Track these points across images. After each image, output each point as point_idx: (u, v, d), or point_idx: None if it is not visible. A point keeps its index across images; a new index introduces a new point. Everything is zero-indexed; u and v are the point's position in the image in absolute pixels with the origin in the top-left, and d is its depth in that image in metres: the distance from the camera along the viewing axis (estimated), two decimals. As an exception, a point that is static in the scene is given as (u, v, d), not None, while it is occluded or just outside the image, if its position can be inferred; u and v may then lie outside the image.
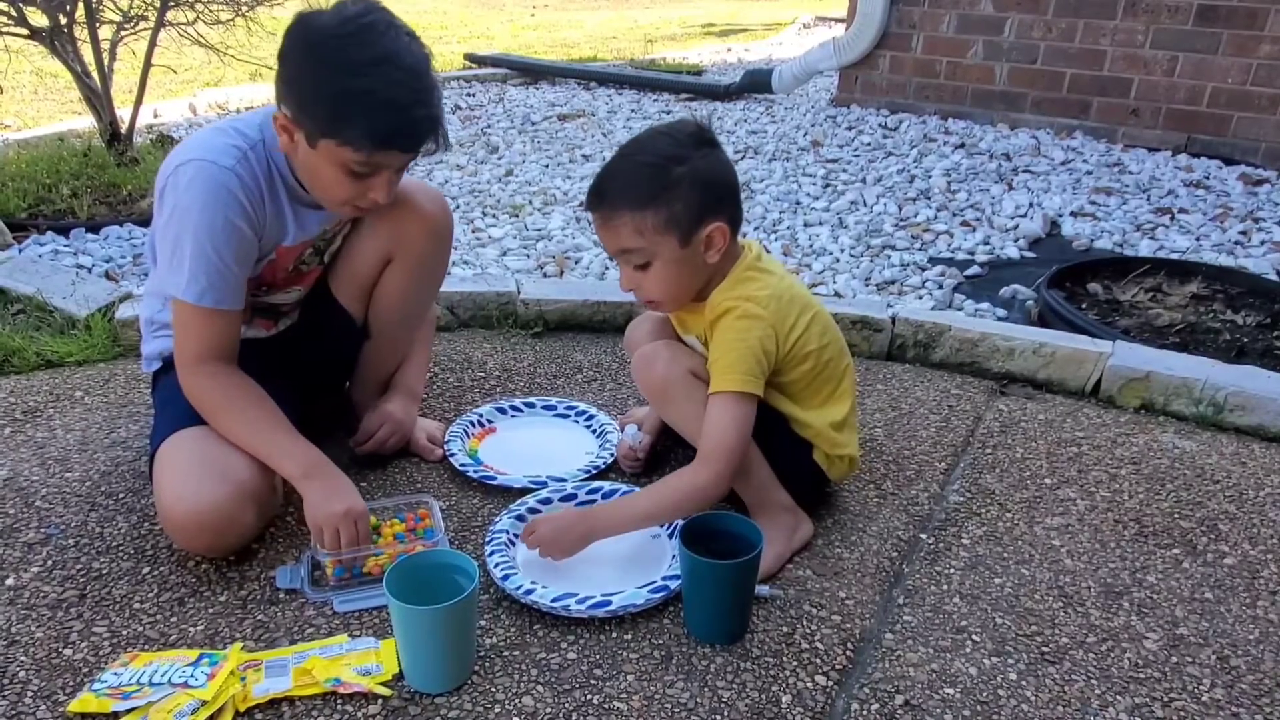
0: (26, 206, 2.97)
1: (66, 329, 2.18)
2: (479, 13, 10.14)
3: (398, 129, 1.33)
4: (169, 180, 1.39)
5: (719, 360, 1.41)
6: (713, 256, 1.40)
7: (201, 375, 1.43)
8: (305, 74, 1.33)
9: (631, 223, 1.36)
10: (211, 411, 1.44)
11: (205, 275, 1.38)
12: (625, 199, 1.36)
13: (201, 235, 1.36)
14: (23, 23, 3.10)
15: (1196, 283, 2.61)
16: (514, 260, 2.81)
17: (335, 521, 1.35)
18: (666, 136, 1.40)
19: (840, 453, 1.53)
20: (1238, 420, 1.94)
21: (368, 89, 1.29)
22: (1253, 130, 4.06)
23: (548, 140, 4.34)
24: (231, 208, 1.38)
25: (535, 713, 1.18)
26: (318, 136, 1.34)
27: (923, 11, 4.69)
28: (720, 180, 1.39)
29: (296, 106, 1.34)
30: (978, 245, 3.03)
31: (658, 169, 1.35)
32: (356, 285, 1.66)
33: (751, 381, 1.39)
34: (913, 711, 1.21)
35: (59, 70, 4.10)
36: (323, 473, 1.42)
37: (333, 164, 1.36)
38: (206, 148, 1.39)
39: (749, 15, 10.60)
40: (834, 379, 1.52)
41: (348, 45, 1.29)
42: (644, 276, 1.42)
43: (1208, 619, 1.39)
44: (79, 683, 1.20)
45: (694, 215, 1.36)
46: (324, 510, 1.36)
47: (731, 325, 1.40)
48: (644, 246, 1.38)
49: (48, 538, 1.48)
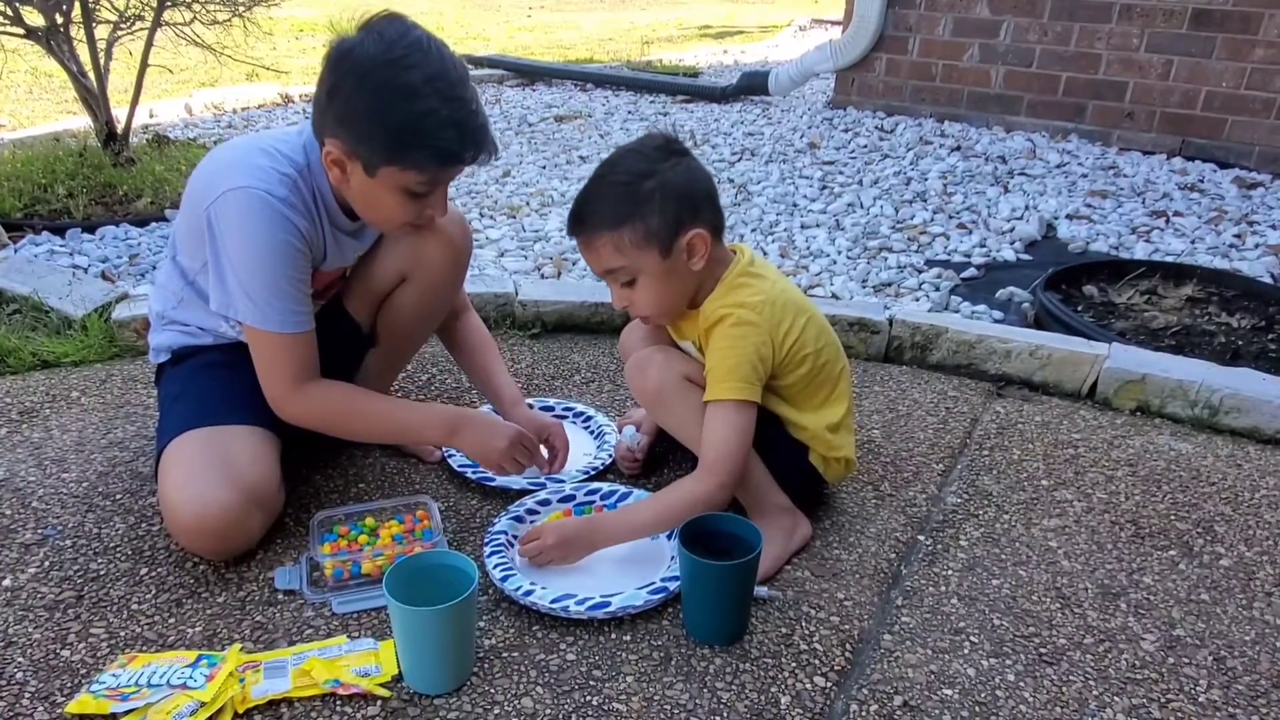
0: (22, 206, 2.96)
1: (63, 329, 2.17)
2: (475, 14, 10.14)
3: (461, 144, 1.35)
4: (218, 207, 1.35)
5: (715, 369, 1.41)
6: (697, 264, 1.41)
7: (307, 397, 1.44)
8: (361, 106, 1.31)
9: (610, 242, 1.38)
10: (337, 424, 1.49)
11: (281, 303, 1.38)
12: (601, 220, 1.38)
13: (270, 267, 1.36)
14: (19, 22, 3.09)
15: (1191, 286, 2.62)
16: (511, 261, 2.81)
17: (507, 459, 1.48)
18: (635, 153, 1.41)
19: (836, 454, 1.54)
20: (1233, 422, 1.95)
21: (427, 110, 1.30)
22: (1247, 134, 4.08)
23: (545, 141, 4.34)
24: (290, 231, 1.37)
25: (534, 714, 1.18)
26: (379, 165, 1.34)
27: (919, 14, 4.71)
28: (692, 188, 1.40)
29: (353, 139, 1.33)
30: (974, 248, 3.04)
31: (628, 186, 1.37)
32: (369, 298, 1.66)
33: (748, 389, 1.39)
34: (911, 712, 1.21)
35: (55, 70, 4.09)
36: (467, 420, 1.51)
37: (393, 189, 1.37)
38: (256, 175, 1.36)
39: (745, 17, 10.62)
40: (830, 381, 1.52)
41: (399, 70, 1.29)
42: (633, 293, 1.43)
43: (1204, 620, 1.40)
44: (77, 684, 1.20)
45: (670, 226, 1.37)
46: (491, 450, 1.48)
47: (726, 333, 1.41)
48: (626, 264, 1.39)
49: (45, 538, 1.48)
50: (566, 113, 4.96)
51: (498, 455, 1.49)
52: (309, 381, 1.45)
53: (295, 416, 1.45)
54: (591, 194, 1.41)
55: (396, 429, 1.53)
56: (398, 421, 1.51)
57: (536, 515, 1.56)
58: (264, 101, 5.07)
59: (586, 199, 1.41)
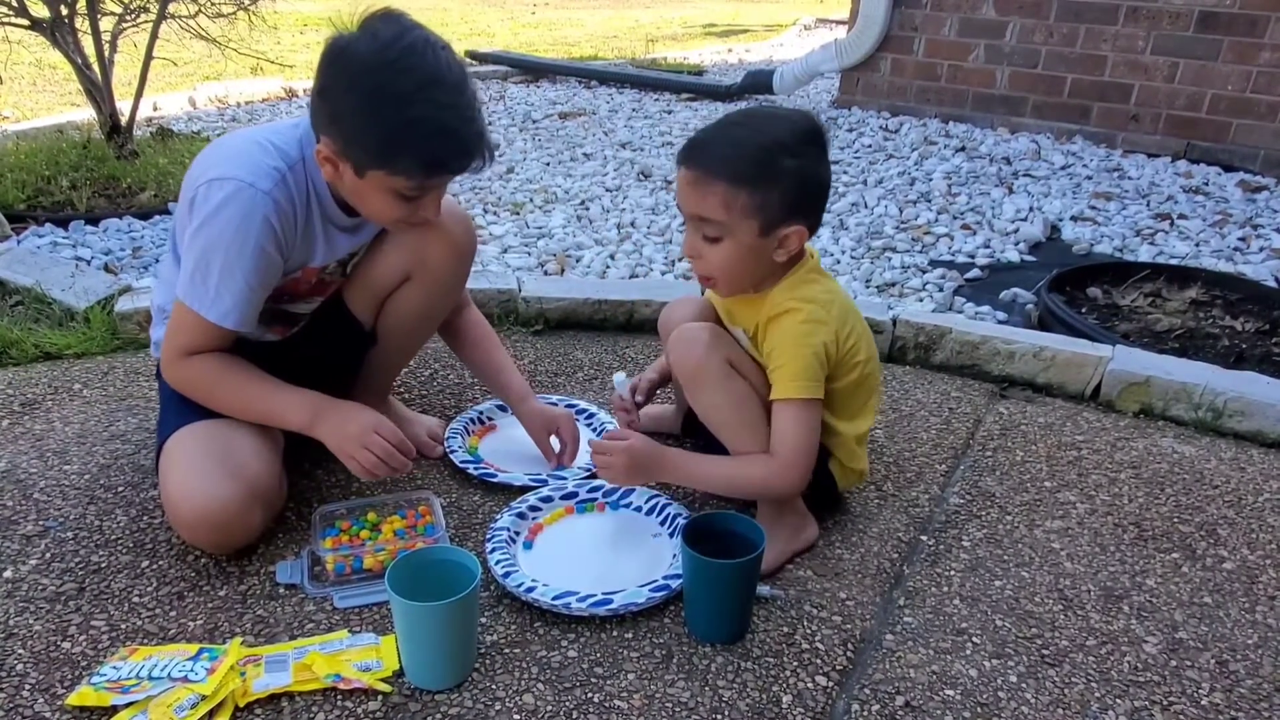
0: (25, 198, 2.96)
1: (65, 321, 2.17)
2: (480, 10, 10.13)
3: (449, 153, 1.32)
4: (202, 191, 1.34)
5: (785, 366, 1.39)
6: (781, 256, 1.40)
7: (187, 364, 1.42)
8: (350, 108, 1.29)
9: (724, 194, 1.33)
10: (204, 392, 1.43)
11: (231, 298, 1.36)
12: (726, 168, 1.32)
13: (232, 259, 1.34)
14: (24, 14, 3.09)
15: (1196, 288, 2.61)
16: (515, 258, 2.80)
17: (360, 443, 1.37)
18: (787, 123, 1.37)
19: (855, 465, 1.55)
20: (1237, 426, 1.95)
21: (417, 118, 1.27)
22: (1252, 137, 4.07)
23: (549, 138, 4.33)
24: (265, 235, 1.35)
25: (536, 710, 1.18)
26: (367, 168, 1.32)
27: (924, 15, 4.70)
28: (820, 185, 1.39)
29: (343, 140, 1.31)
30: (978, 248, 3.03)
31: (769, 152, 1.32)
32: (371, 296, 1.64)
33: (815, 387, 1.39)
34: (913, 713, 1.21)
35: (59, 62, 4.09)
36: (330, 407, 1.43)
37: (382, 191, 1.35)
38: (247, 166, 1.35)
39: (750, 16, 10.61)
40: (870, 391, 1.53)
41: (391, 75, 1.26)
42: (710, 249, 1.38)
43: (1207, 623, 1.40)
44: (77, 676, 1.20)
45: (785, 211, 1.35)
46: (343, 436, 1.39)
47: (796, 328, 1.39)
48: (725, 221, 1.35)
49: (46, 530, 1.48)
50: (570, 110, 4.95)
51: (349, 442, 1.39)
52: (199, 354, 1.43)
53: (172, 381, 1.45)
54: (728, 137, 1.36)
55: (261, 410, 1.44)
56: (262, 402, 1.43)
57: (539, 512, 1.56)
58: (268, 95, 5.07)
59: (720, 140, 1.36)
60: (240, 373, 1.44)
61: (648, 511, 1.57)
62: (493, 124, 4.56)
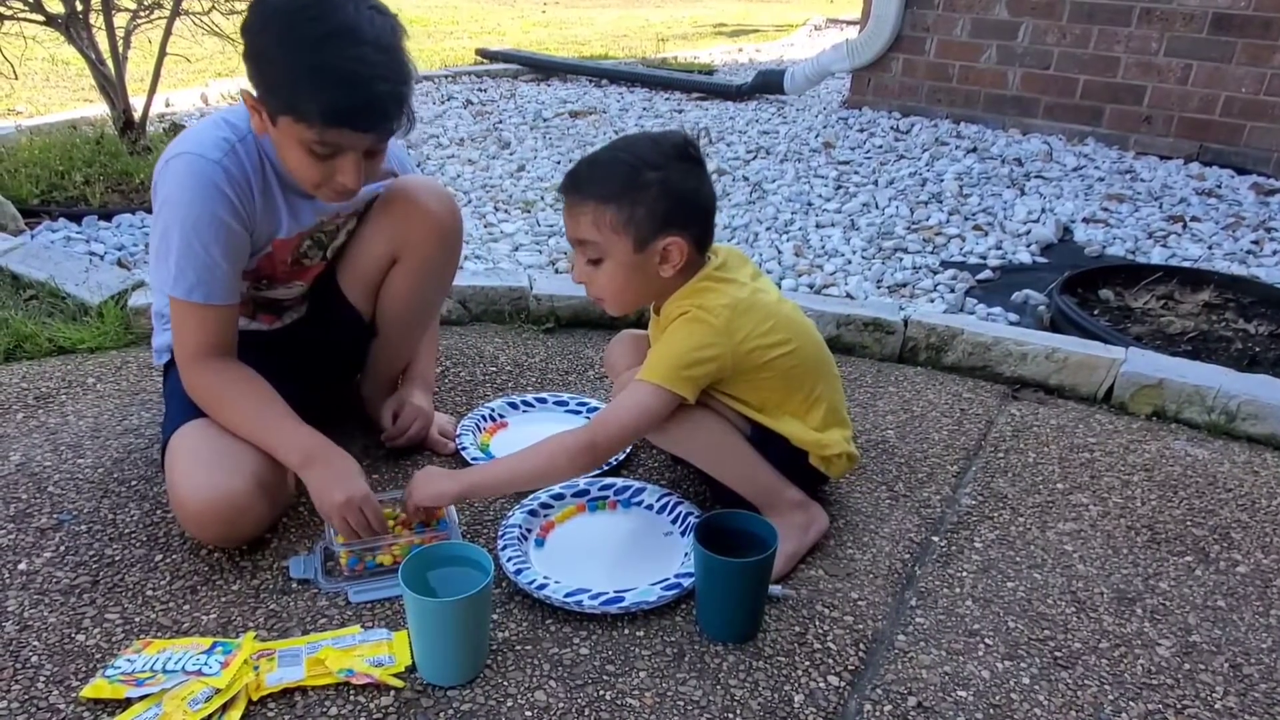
0: (39, 193, 2.97)
1: (79, 316, 2.18)
2: (490, 9, 10.14)
3: (353, 106, 1.27)
4: (158, 174, 1.38)
5: (655, 353, 1.41)
6: (666, 271, 1.40)
7: (201, 371, 1.43)
8: (262, 50, 1.30)
9: (592, 214, 1.37)
10: (213, 405, 1.43)
11: (193, 270, 1.37)
12: (592, 189, 1.38)
13: (188, 230, 1.35)
14: (39, 9, 3.10)
15: (1209, 291, 2.60)
16: (526, 255, 2.81)
17: (339, 511, 1.35)
18: (651, 142, 1.41)
19: (831, 453, 1.49)
20: (1250, 429, 1.94)
21: (321, 64, 1.25)
22: (1265, 140, 4.05)
23: (559, 137, 4.34)
24: (217, 202, 1.36)
25: (548, 707, 1.18)
26: (277, 113, 1.31)
27: (936, 15, 4.68)
28: (690, 197, 1.39)
29: (259, 83, 1.32)
30: (990, 250, 3.02)
31: (631, 168, 1.36)
32: (363, 283, 1.65)
33: (678, 382, 1.37)
34: (925, 713, 1.20)
35: (72, 57, 4.10)
36: (324, 458, 1.41)
37: (294, 143, 1.32)
38: (197, 141, 1.38)
39: (760, 16, 10.60)
40: (801, 388, 1.48)
41: (303, 19, 1.26)
42: (595, 272, 1.43)
43: (1220, 627, 1.39)
44: (91, 669, 1.20)
45: (654, 224, 1.37)
46: (325, 500, 1.36)
47: (679, 327, 1.40)
48: (599, 241, 1.39)
49: (60, 523, 1.49)
50: (581, 108, 4.95)
51: (330, 508, 1.36)
52: (212, 358, 1.42)
53: (187, 388, 1.44)
54: (594, 162, 1.41)
55: (261, 436, 1.41)
56: (265, 431, 1.42)
57: (550, 509, 1.56)
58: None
59: (590, 164, 1.41)
60: (249, 395, 1.43)
61: (659, 510, 1.57)
62: (503, 122, 4.56)
